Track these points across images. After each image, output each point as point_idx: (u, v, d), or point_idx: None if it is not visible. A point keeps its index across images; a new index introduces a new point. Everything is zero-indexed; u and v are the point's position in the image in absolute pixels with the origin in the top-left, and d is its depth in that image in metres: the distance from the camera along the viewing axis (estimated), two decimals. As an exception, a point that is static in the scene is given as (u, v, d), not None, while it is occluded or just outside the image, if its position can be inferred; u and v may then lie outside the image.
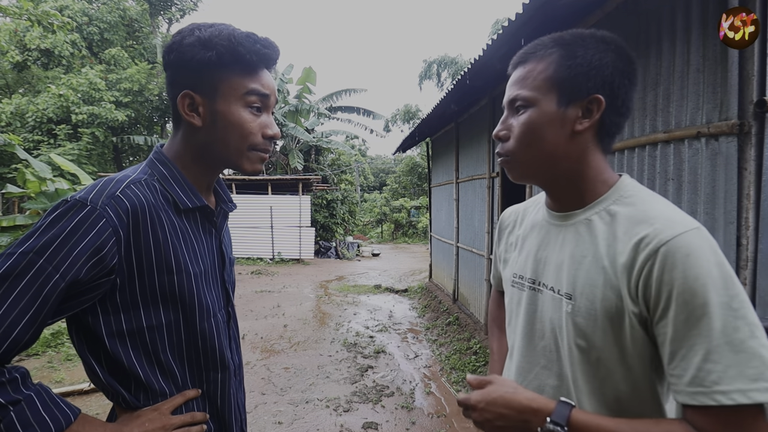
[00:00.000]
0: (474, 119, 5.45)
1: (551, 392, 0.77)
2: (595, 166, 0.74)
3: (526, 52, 0.77)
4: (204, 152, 0.83)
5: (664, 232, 0.63)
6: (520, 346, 0.83)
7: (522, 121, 0.74)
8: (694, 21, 1.94)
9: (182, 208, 0.80)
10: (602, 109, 0.70)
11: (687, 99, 1.98)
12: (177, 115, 0.82)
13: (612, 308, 0.67)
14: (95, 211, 0.69)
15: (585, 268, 0.71)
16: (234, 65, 0.78)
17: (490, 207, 4.86)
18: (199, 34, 0.78)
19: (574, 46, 0.71)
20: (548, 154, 0.73)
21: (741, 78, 1.73)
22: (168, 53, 0.80)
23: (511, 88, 0.77)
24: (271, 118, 0.85)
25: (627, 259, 0.66)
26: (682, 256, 0.61)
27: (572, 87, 0.71)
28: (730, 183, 1.77)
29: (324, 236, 14.93)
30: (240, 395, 0.95)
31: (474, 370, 4.13)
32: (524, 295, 0.83)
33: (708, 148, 1.87)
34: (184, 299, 0.78)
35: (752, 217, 1.70)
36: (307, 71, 14.99)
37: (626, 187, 0.74)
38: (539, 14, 2.60)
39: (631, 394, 0.69)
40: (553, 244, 0.79)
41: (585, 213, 0.75)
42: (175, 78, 0.81)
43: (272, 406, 3.51)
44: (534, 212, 0.89)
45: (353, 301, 7.61)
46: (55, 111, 10.78)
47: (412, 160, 21.93)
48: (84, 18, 13.36)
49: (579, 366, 0.72)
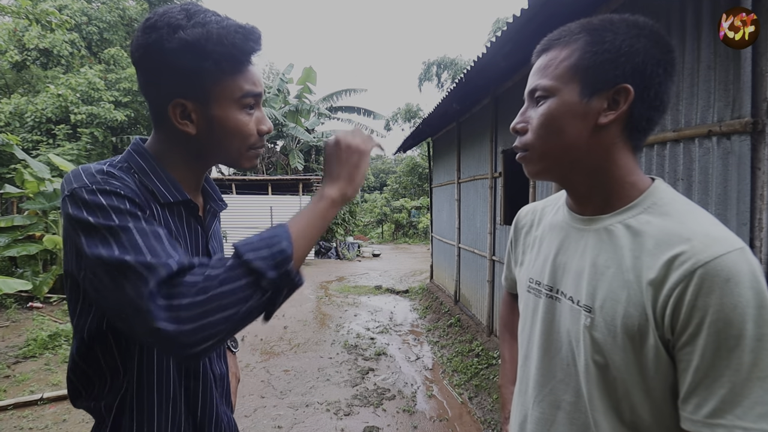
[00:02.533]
0: (476, 118, 5.40)
1: (568, 408, 0.72)
2: (623, 165, 0.68)
3: (550, 38, 0.71)
4: (198, 156, 0.78)
5: (703, 252, 0.57)
6: (536, 357, 0.78)
7: (541, 112, 0.68)
8: (705, 16, 1.89)
9: (163, 201, 0.75)
10: (630, 100, 0.64)
11: (697, 97, 1.93)
12: (159, 117, 0.75)
13: (634, 326, 0.62)
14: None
15: (607, 280, 0.66)
16: (225, 66, 0.72)
17: (492, 207, 4.80)
18: (183, 35, 0.67)
19: (603, 31, 0.65)
20: (568, 149, 0.67)
21: (754, 75, 1.67)
22: (144, 58, 0.70)
23: (532, 77, 0.71)
24: (263, 112, 0.80)
25: (656, 276, 0.60)
26: (721, 281, 0.55)
27: (597, 76, 0.64)
28: (743, 183, 1.72)
29: (324, 237, 14.88)
30: (223, 408, 0.89)
31: (476, 372, 4.08)
32: (541, 302, 0.78)
33: (719, 147, 1.82)
34: None
35: (766, 219, 1.65)
36: (307, 71, 14.96)
37: (661, 194, 0.67)
38: (544, 11, 2.56)
39: (650, 419, 0.64)
40: (573, 250, 0.73)
41: (612, 219, 0.69)
42: (156, 82, 0.72)
43: (272, 410, 3.46)
44: (553, 212, 0.83)
45: (354, 302, 7.56)
46: (54, 111, 10.73)
47: (413, 160, 21.87)
48: (83, 17, 13.32)
49: (596, 384, 0.67)
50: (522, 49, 3.20)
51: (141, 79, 0.75)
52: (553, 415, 0.74)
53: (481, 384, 3.85)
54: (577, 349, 0.69)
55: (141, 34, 0.70)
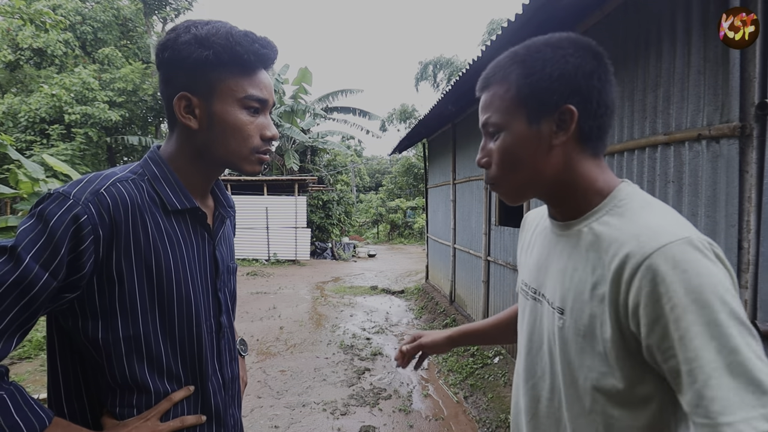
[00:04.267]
0: (471, 120, 5.44)
1: (545, 402, 0.76)
2: (585, 175, 0.71)
3: (486, 76, 0.74)
4: (201, 154, 0.81)
5: (648, 245, 0.59)
6: (523, 353, 0.83)
7: (498, 146, 0.72)
8: (695, 22, 1.93)
9: (170, 209, 0.77)
10: (576, 119, 0.67)
11: (687, 101, 1.97)
12: (172, 116, 0.79)
13: (597, 326, 0.64)
14: (77, 206, 0.66)
15: (575, 283, 0.69)
16: (231, 65, 0.76)
17: (488, 208, 4.84)
18: (195, 31, 0.75)
19: (531, 61, 0.68)
20: (532, 174, 0.71)
21: (742, 80, 1.71)
22: (162, 51, 0.77)
23: (481, 113, 0.75)
24: (269, 119, 0.83)
25: (613, 275, 0.62)
26: (669, 269, 0.56)
27: (538, 103, 0.68)
28: (731, 186, 1.76)
29: (320, 237, 14.89)
30: (232, 411, 0.91)
31: (471, 372, 4.11)
32: (528, 304, 0.83)
33: (709, 151, 1.86)
34: (163, 305, 0.75)
35: (753, 220, 1.69)
36: (303, 71, 14.94)
37: (621, 195, 0.69)
38: (539, 15, 2.59)
39: (624, 419, 0.65)
40: (552, 255, 0.77)
41: (579, 224, 0.72)
42: (169, 77, 0.78)
43: (268, 410, 3.47)
44: (546, 217, 0.87)
45: (349, 302, 7.58)
46: (47, 111, 10.67)
47: (408, 160, 21.91)
48: (77, 17, 13.24)
49: (569, 383, 0.70)
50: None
51: (159, 78, 0.81)
52: (534, 408, 0.79)
53: (476, 383, 3.88)
54: (554, 349, 0.73)
55: (165, 34, 0.78)
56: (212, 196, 0.91)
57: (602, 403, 0.66)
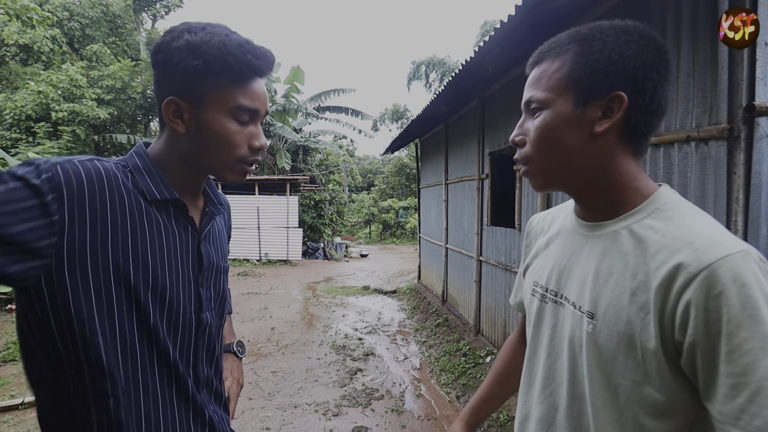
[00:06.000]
0: (464, 120, 5.46)
1: (563, 411, 0.73)
2: (624, 172, 0.68)
3: (541, 51, 0.71)
4: (187, 158, 0.81)
5: (706, 255, 0.57)
6: (541, 360, 0.79)
7: (537, 124, 0.69)
8: (685, 25, 1.95)
9: (149, 198, 0.77)
10: (625, 108, 0.64)
11: (677, 103, 2.00)
12: (161, 116, 0.80)
13: (636, 332, 0.62)
14: (44, 167, 0.66)
15: (610, 287, 0.66)
16: (223, 75, 0.75)
17: (480, 208, 4.86)
18: (188, 37, 0.74)
19: (592, 40, 0.65)
20: (568, 160, 0.68)
21: (731, 82, 1.74)
22: (155, 53, 0.77)
23: (526, 90, 0.72)
24: (259, 129, 0.82)
25: (662, 281, 0.60)
26: (728, 281, 0.55)
27: (589, 85, 0.65)
28: (719, 187, 1.79)
29: (312, 237, 14.84)
30: (213, 408, 0.90)
31: (463, 371, 4.12)
32: (546, 307, 0.79)
33: (698, 152, 1.88)
34: (129, 283, 0.72)
35: (741, 221, 1.72)
36: (295, 70, 14.87)
37: (664, 199, 0.67)
38: (530, 17, 2.61)
39: (655, 430, 0.64)
40: (578, 256, 0.74)
41: (615, 225, 0.69)
42: (160, 80, 0.78)
43: (260, 412, 3.45)
44: (563, 218, 0.84)
45: (342, 302, 7.56)
46: (34, 108, 10.48)
47: (401, 160, 21.93)
48: (65, 13, 13.04)
49: (599, 390, 0.67)
50: (508, 54, 3.25)
51: (153, 77, 0.80)
52: (552, 417, 0.76)
53: (468, 383, 3.89)
54: (579, 355, 0.70)
55: (162, 35, 0.77)
56: (203, 194, 0.92)
57: (635, 411, 0.64)
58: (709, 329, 0.56)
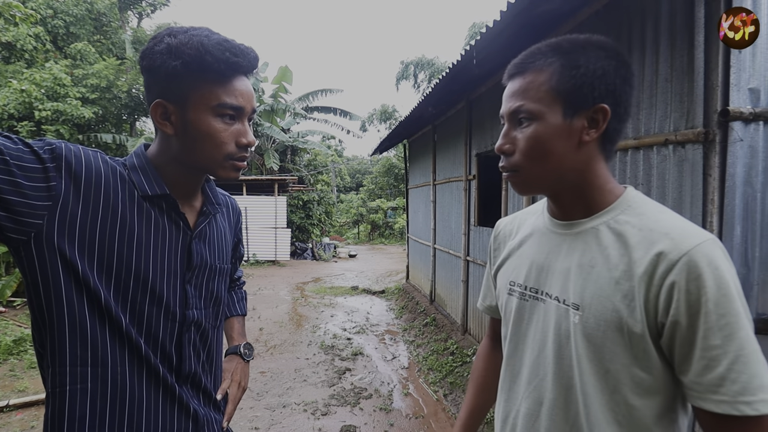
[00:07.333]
0: (451, 122, 5.51)
1: (549, 404, 0.76)
2: (601, 175, 0.74)
3: (523, 61, 0.74)
4: (179, 158, 0.84)
5: (683, 243, 0.64)
6: (525, 357, 0.82)
7: (528, 134, 0.72)
8: (663, 33, 2.02)
9: (141, 193, 0.80)
10: (608, 119, 0.70)
11: (656, 107, 2.06)
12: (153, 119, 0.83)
13: (622, 319, 0.67)
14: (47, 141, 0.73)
15: (593, 278, 0.70)
16: (203, 74, 0.77)
17: (467, 209, 4.92)
18: (169, 41, 0.77)
19: (575, 53, 0.70)
20: (556, 167, 0.72)
21: (706, 88, 1.80)
22: (141, 59, 0.80)
23: (511, 99, 0.74)
24: (246, 126, 0.84)
25: (646, 269, 0.65)
26: (705, 266, 0.62)
27: (578, 97, 0.69)
28: (695, 188, 1.85)
29: (300, 237, 14.79)
30: (195, 402, 0.90)
31: (451, 370, 4.17)
32: (527, 304, 0.82)
33: (675, 155, 1.95)
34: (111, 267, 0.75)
35: (716, 221, 1.78)
36: (283, 70, 14.80)
37: (634, 197, 0.74)
38: (516, 22, 2.66)
39: (643, 408, 0.68)
40: (556, 253, 0.78)
41: (592, 222, 0.74)
42: (148, 85, 0.81)
43: (248, 412, 3.45)
44: (533, 219, 0.87)
45: (330, 302, 7.56)
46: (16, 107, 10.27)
47: (389, 161, 21.97)
48: (48, 11, 12.80)
49: (589, 378, 0.71)
50: (494, 57, 3.31)
51: (143, 85, 0.84)
52: (537, 411, 0.78)
53: (455, 381, 3.94)
54: (566, 347, 0.73)
55: (149, 41, 0.81)
56: (202, 194, 0.95)
57: (624, 393, 0.68)
58: (690, 308, 0.62)
